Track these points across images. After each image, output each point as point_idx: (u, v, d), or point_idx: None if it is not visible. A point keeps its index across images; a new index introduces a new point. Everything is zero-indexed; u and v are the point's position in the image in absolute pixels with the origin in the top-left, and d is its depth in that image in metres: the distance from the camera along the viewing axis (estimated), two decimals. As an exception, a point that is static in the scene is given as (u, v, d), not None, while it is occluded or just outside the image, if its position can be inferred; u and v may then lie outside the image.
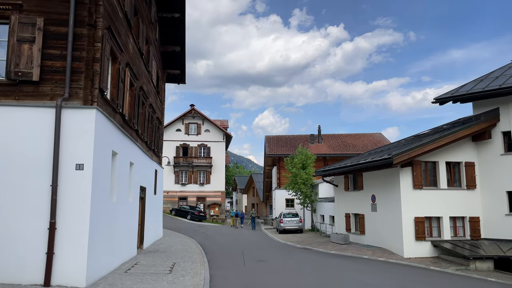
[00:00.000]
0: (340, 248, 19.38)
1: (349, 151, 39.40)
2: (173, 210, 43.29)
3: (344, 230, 22.51)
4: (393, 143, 24.29)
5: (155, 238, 19.64)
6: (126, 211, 12.35)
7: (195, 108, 48.31)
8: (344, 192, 22.77)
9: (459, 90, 19.45)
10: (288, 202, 38.24)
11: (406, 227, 17.31)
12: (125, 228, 12.42)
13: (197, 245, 18.73)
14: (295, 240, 23.95)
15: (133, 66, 13.32)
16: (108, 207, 10.08)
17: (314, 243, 21.78)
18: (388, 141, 41.81)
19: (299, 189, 31.12)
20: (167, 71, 22.94)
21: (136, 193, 14.13)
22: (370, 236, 19.97)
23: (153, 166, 18.89)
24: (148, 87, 17.09)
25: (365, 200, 20.42)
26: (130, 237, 13.28)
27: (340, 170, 21.44)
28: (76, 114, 8.55)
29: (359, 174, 21.19)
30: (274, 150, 40.76)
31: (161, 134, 22.13)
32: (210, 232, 28.66)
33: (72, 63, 8.74)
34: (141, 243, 15.95)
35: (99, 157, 8.99)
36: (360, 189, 21.03)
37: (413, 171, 17.67)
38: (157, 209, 20.77)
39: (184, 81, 24.53)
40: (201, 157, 47.33)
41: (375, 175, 19.65)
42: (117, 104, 11.17)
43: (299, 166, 31.45)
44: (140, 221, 15.82)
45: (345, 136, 44.97)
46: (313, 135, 43.50)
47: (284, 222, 28.84)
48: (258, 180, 66.80)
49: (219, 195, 47.29)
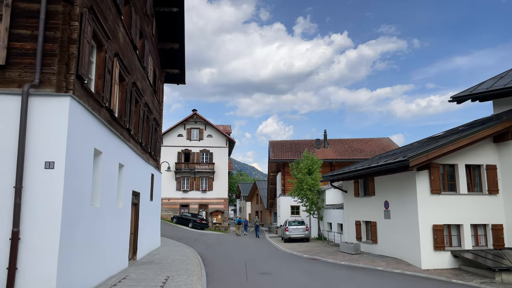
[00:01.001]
0: (351, 258, 17.92)
1: (356, 156, 37.97)
2: (174, 217, 41.91)
3: (354, 239, 21.04)
4: (406, 146, 22.87)
5: (151, 248, 18.27)
6: (114, 218, 11.02)
7: (197, 113, 47.12)
8: (354, 198, 21.34)
9: (478, 87, 18.07)
10: (293, 209, 36.77)
11: (423, 235, 15.85)
12: (113, 237, 11.08)
13: (196, 256, 17.33)
14: (301, 249, 22.48)
15: (124, 58, 12.08)
16: (90, 213, 8.75)
17: (322, 253, 20.31)
18: (396, 145, 40.35)
19: (305, 195, 29.67)
20: (166, 70, 21.74)
21: (127, 199, 12.80)
22: (383, 245, 18.50)
23: (149, 170, 17.59)
24: (143, 84, 15.85)
25: (377, 207, 18.98)
26: (119, 248, 11.93)
27: (350, 174, 20.03)
28: (47, 103, 7.26)
29: (370, 179, 19.77)
30: (279, 155, 39.38)
31: (159, 136, 20.87)
32: (211, 241, 27.24)
33: (44, 45, 7.47)
34: (134, 254, 14.58)
35: (76, 154, 7.68)
36: (372, 194, 19.60)
37: (430, 174, 16.24)
38: (154, 217, 19.43)
39: (183, 81, 23.31)
40: (203, 163, 46.01)
41: (388, 180, 18.23)
42: (103, 97, 9.90)
43: (305, 171, 30.03)
44: (133, 229, 14.48)
45: (352, 141, 43.55)
46: (319, 140, 42.12)
47: (290, 230, 27.38)
48: (262, 187, 65.35)
49: (222, 202, 45.87)
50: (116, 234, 11.37)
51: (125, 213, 12.47)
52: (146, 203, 16.86)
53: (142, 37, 15.56)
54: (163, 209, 44.50)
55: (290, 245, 25.19)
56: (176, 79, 23.10)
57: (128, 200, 12.95)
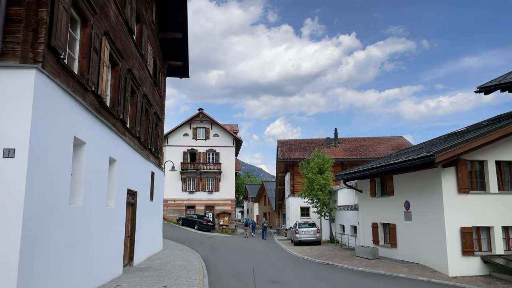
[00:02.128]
0: (369, 264, 16.39)
1: (369, 155, 36.35)
2: (179, 219, 40.58)
3: (370, 242, 19.49)
4: (425, 143, 21.26)
5: (151, 252, 16.92)
6: (103, 219, 9.66)
7: (203, 111, 45.80)
8: (370, 199, 19.79)
9: (507, 76, 16.51)
10: (303, 211, 35.25)
11: (450, 239, 14.31)
12: (103, 241, 9.73)
13: (200, 261, 15.94)
14: (313, 253, 20.98)
15: (116, 39, 10.74)
16: (69, 213, 7.39)
17: (336, 258, 18.80)
18: (410, 144, 38.62)
19: (316, 196, 28.16)
20: (168, 63, 20.42)
21: (121, 198, 11.45)
22: (404, 249, 16.95)
23: (149, 168, 16.25)
24: (141, 73, 14.52)
25: (397, 208, 17.44)
26: (111, 253, 10.57)
27: (366, 173, 18.50)
28: (9, 76, 5.91)
29: (388, 177, 18.23)
30: (287, 154, 37.89)
31: (161, 132, 19.54)
32: (217, 244, 25.84)
33: (8, 9, 6.14)
34: (131, 259, 13.22)
35: (45, 142, 6.32)
36: (390, 194, 18.06)
37: (457, 172, 14.71)
38: (155, 218, 18.08)
39: (187, 74, 21.97)
40: (210, 163, 44.65)
41: (409, 178, 16.69)
42: (88, 80, 8.56)
43: (315, 170, 28.52)
44: (129, 232, 13.13)
45: (364, 140, 41.91)
46: (329, 139, 40.55)
47: (300, 232, 25.87)
48: (270, 188, 63.89)
49: (229, 203, 44.46)
50: (107, 237, 10.01)
51: (118, 213, 11.11)
52: (145, 203, 15.51)
53: (140, 22, 14.24)
54: (168, 210, 43.27)
55: (301, 249, 23.69)
56: (179, 72, 21.76)
57: (122, 200, 11.59)
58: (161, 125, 19.67)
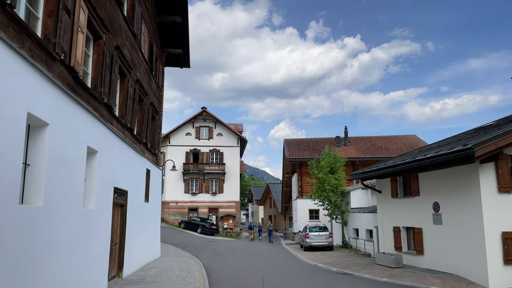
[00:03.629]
0: (393, 273, 14.40)
1: (382, 154, 34.35)
2: (182, 222, 38.68)
3: (391, 248, 17.48)
4: (449, 138, 19.22)
5: (147, 260, 15.02)
6: (77, 223, 7.77)
7: (206, 110, 43.94)
8: (391, 200, 17.79)
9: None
10: (312, 213, 33.25)
11: (490, 245, 12.32)
12: (78, 250, 7.84)
13: (201, 270, 14.03)
14: (327, 260, 18.98)
15: (98, 5, 8.88)
16: (20, 216, 5.51)
17: (354, 266, 16.80)
18: (425, 143, 36.54)
19: (327, 197, 26.16)
20: (167, 50, 18.58)
21: (105, 198, 9.56)
22: (432, 257, 14.94)
23: (143, 165, 14.38)
24: (134, 56, 12.67)
25: (424, 209, 15.45)
26: (91, 263, 8.68)
27: (387, 170, 16.52)
28: None
29: (413, 176, 16.25)
30: (295, 154, 35.93)
31: (158, 127, 17.67)
32: (221, 249, 23.92)
33: None
34: (120, 270, 11.32)
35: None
36: (415, 194, 16.07)
37: (497, 168, 12.72)
38: (152, 221, 16.20)
39: (188, 64, 20.11)
40: (213, 164, 42.75)
41: (438, 176, 14.72)
42: (56, 45, 6.70)
43: (326, 170, 26.52)
44: (117, 238, 11.24)
45: (375, 139, 39.87)
46: (339, 138, 38.57)
47: (311, 237, 23.87)
48: (276, 190, 61.91)
49: (233, 205, 42.52)
50: (83, 245, 8.11)
51: (101, 216, 9.21)
52: (139, 204, 13.63)
53: (132, -5, 12.40)
54: (170, 213, 41.39)
55: (312, 255, 21.69)
56: (180, 62, 19.89)
57: (107, 200, 9.70)
58: (159, 118, 17.82)
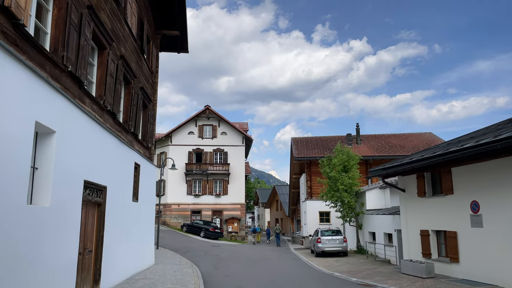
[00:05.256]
0: (425, 285, 12.15)
1: (397, 153, 32.08)
2: (184, 225, 36.62)
3: (418, 254, 15.23)
4: (480, 130, 16.91)
5: (136, 269, 12.92)
6: (21, 224, 5.67)
7: (210, 108, 41.91)
8: (418, 199, 15.55)
9: None
10: (322, 216, 30.98)
11: (548, 253, 10.07)
12: (22, 261, 5.74)
13: (198, 280, 11.89)
14: (343, 268, 16.76)
15: None
16: None
17: (375, 275, 14.57)
18: (442, 140, 34.18)
19: (340, 198, 23.95)
20: (161, 32, 16.53)
21: (69, 193, 7.47)
22: (470, 265, 12.68)
23: (130, 158, 12.31)
24: (115, 25, 10.60)
25: (459, 210, 13.21)
26: (49, 279, 6.58)
27: (415, 165, 14.25)
28: None
29: (445, 171, 14.02)
30: (303, 152, 33.74)
31: (152, 116, 15.60)
32: (224, 255, 21.77)
33: None
34: (96, 283, 9.20)
35: None
36: (448, 193, 13.83)
37: (554, 159, 10.50)
38: (143, 224, 14.11)
39: (186, 48, 18.05)
40: (217, 164, 40.67)
41: (476, 170, 12.49)
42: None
43: (339, 168, 24.32)
44: (94, 245, 9.15)
45: (389, 137, 37.57)
46: (350, 135, 36.34)
47: (323, 242, 21.65)
48: (282, 192, 59.72)
49: (238, 208, 40.37)
50: (34, 255, 6.02)
51: (61, 216, 7.12)
52: (124, 204, 11.54)
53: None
54: (172, 215, 39.35)
55: (326, 261, 19.46)
56: (177, 46, 17.83)
57: (72, 196, 7.61)
58: (152, 108, 15.76)
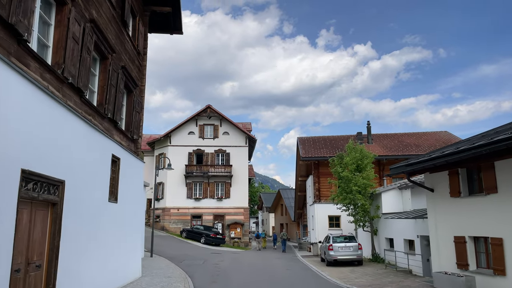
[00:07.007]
0: (469, 305, 9.82)
1: (412, 152, 29.69)
2: (183, 231, 34.37)
3: (453, 265, 12.86)
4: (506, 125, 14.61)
5: (115, 284, 10.67)
6: None
7: (211, 107, 39.78)
8: (450, 200, 13.21)
9: None
10: (332, 220, 28.60)
11: None
12: None
13: (189, 300, 9.62)
14: (362, 281, 14.40)
15: None
16: None
17: (402, 291, 12.23)
18: (459, 139, 31.80)
19: (353, 200, 21.62)
20: (150, 8, 14.38)
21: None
22: (523, 281, 10.33)
23: (106, 149, 10.10)
24: (84, -20, 8.45)
25: (504, 212, 10.87)
26: None
27: (448, 159, 11.93)
28: None
29: (485, 166, 11.70)
30: (311, 152, 31.43)
31: (138, 104, 13.39)
32: (225, 264, 19.47)
33: None
34: (47, 309, 6.96)
35: None
36: (490, 191, 11.49)
37: None
38: (126, 230, 11.86)
39: (180, 29, 15.89)
40: (219, 165, 38.44)
41: (530, 163, 10.17)
42: None
43: (352, 167, 22.02)
44: (45, 257, 6.92)
45: (402, 136, 35.22)
46: (361, 134, 34.06)
47: (336, 249, 19.30)
48: (288, 196, 57.26)
49: (241, 212, 38.05)
50: None
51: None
52: (95, 204, 9.32)
53: None
54: (171, 220, 37.13)
55: (340, 272, 17.10)
56: (169, 26, 15.65)
57: (4, 193, 5.39)
58: (139, 94, 13.59)
